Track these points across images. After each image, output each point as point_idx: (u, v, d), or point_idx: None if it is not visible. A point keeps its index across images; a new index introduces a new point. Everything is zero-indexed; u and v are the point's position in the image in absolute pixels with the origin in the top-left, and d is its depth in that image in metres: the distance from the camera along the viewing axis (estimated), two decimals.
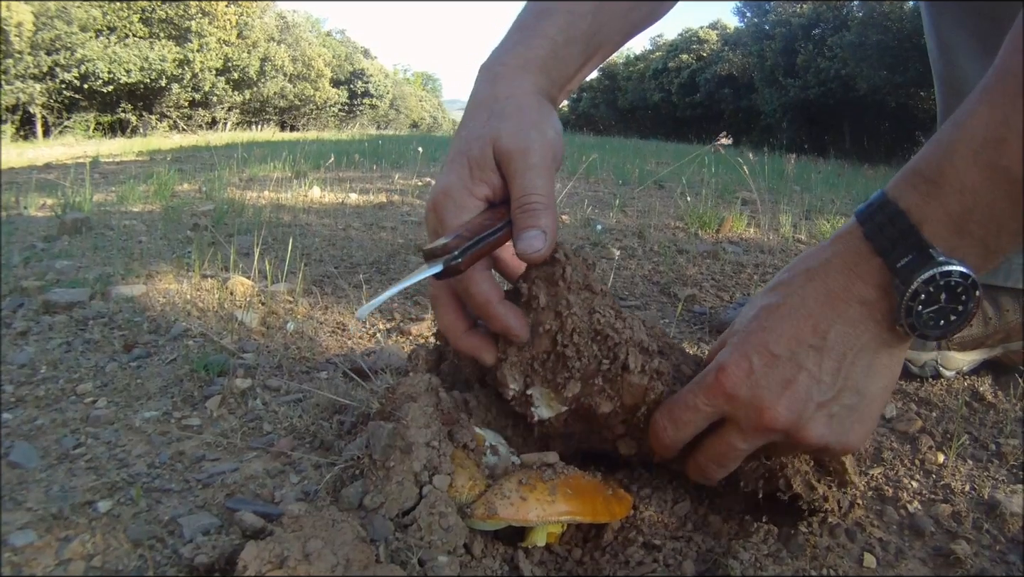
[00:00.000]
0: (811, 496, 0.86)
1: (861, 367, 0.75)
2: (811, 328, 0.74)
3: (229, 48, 26.83)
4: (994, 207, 0.68)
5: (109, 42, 22.71)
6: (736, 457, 0.80)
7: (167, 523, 0.87)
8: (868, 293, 0.74)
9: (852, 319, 0.74)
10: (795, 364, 0.74)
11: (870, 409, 0.77)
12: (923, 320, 0.71)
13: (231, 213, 3.17)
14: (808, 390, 0.74)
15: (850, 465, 0.89)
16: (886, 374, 0.77)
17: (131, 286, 1.85)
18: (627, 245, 2.70)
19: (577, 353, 0.83)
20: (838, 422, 0.76)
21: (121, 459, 1.03)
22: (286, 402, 1.22)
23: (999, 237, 0.70)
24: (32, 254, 2.32)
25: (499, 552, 0.81)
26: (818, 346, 0.74)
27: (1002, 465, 1.11)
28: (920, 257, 0.70)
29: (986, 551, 0.90)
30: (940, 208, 0.70)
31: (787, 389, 0.74)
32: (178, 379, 1.30)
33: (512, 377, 0.87)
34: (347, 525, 0.70)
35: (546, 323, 0.84)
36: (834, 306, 0.74)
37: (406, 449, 0.81)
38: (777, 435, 0.76)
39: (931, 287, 0.70)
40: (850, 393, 0.75)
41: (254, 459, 1.03)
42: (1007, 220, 0.68)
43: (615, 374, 0.82)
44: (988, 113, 0.69)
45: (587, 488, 0.82)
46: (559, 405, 0.86)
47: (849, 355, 0.74)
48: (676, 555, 0.83)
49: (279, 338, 1.52)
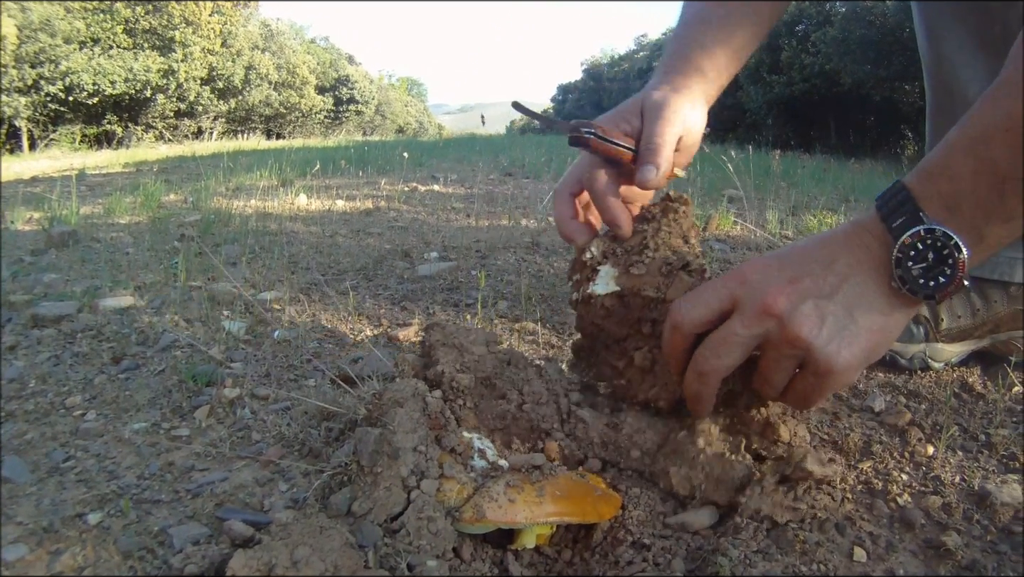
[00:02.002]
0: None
1: (857, 297, 0.83)
2: (824, 253, 0.85)
3: (213, 57, 26.73)
4: (980, 195, 0.78)
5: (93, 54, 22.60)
6: (732, 344, 0.85)
7: (157, 534, 0.87)
8: (871, 243, 0.84)
9: (858, 258, 0.84)
10: (804, 269, 0.84)
11: (856, 339, 0.82)
12: (912, 275, 0.80)
13: (218, 223, 3.16)
14: (809, 289, 0.82)
15: (785, 428, 0.95)
16: (877, 321, 0.83)
17: (119, 298, 1.84)
18: None
19: (656, 250, 1.00)
20: (827, 329, 0.82)
21: (111, 471, 1.03)
22: (274, 410, 1.21)
23: (988, 222, 0.78)
24: (20, 268, 2.31)
25: (488, 555, 0.81)
26: (826, 264, 0.84)
27: (992, 455, 1.12)
28: (911, 219, 0.80)
29: (977, 542, 0.90)
30: (934, 189, 0.80)
31: (792, 284, 0.83)
32: (166, 390, 1.30)
33: (594, 249, 1.04)
34: (335, 532, 0.70)
35: (647, 229, 1.02)
36: (844, 244, 0.85)
37: (393, 455, 0.81)
38: (772, 322, 0.82)
39: (918, 243, 0.79)
40: (843, 311, 0.82)
41: (243, 468, 1.02)
42: (994, 207, 0.77)
43: (674, 271, 0.97)
44: (984, 113, 0.79)
45: (575, 489, 0.82)
46: (614, 286, 1.00)
47: (850, 281, 0.83)
48: (665, 553, 0.83)
49: (267, 347, 1.52)
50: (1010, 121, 0.75)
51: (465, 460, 0.86)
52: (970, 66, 1.32)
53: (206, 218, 3.21)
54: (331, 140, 21.30)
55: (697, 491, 0.93)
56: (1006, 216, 0.78)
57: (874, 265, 0.83)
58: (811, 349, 0.81)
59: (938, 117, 1.44)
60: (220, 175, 5.56)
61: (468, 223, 3.35)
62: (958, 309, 1.39)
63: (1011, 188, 0.75)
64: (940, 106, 1.42)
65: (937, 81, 1.41)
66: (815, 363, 0.83)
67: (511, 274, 2.20)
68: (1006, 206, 0.77)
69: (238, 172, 5.86)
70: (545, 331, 1.64)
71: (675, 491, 0.94)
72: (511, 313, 1.78)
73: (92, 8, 22.92)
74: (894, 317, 0.84)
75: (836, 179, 6.50)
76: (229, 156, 8.31)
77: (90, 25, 22.98)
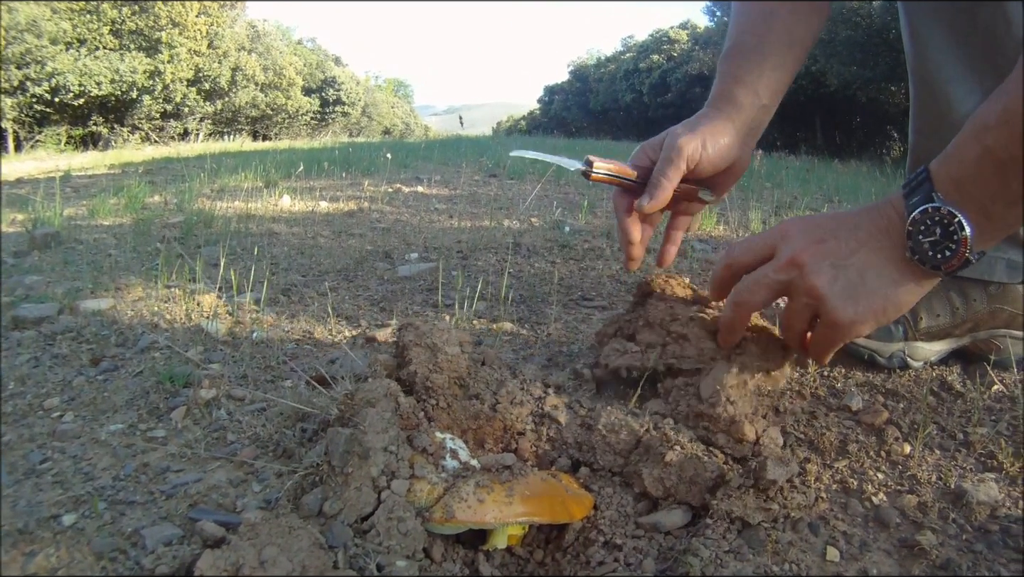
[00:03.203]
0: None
1: (871, 262, 0.95)
2: (853, 221, 0.98)
3: (200, 58, 26.61)
4: (984, 178, 0.86)
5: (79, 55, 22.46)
6: (763, 284, 1.00)
7: (130, 535, 0.87)
8: (892, 216, 0.95)
9: (879, 227, 0.95)
10: (832, 233, 0.97)
11: (863, 298, 0.94)
12: (922, 248, 0.90)
13: (200, 224, 3.15)
14: (830, 249, 0.95)
15: (750, 426, 1.03)
16: (885, 286, 0.94)
17: (99, 300, 1.83)
18: (595, 246, 2.70)
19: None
20: (840, 286, 0.94)
21: (87, 472, 1.03)
22: (250, 411, 1.21)
23: (993, 203, 0.87)
24: (2, 270, 2.29)
25: (460, 555, 0.81)
26: (851, 231, 0.96)
27: (970, 454, 1.11)
28: (925, 197, 0.90)
29: (952, 541, 0.90)
30: (947, 172, 0.90)
31: (818, 244, 0.96)
32: (144, 391, 1.29)
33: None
34: (304, 532, 0.70)
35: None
36: (869, 215, 0.97)
37: (363, 455, 0.81)
38: (796, 272, 0.96)
39: (927, 219, 0.89)
40: (856, 273, 0.94)
41: (217, 469, 1.02)
42: (997, 190, 0.86)
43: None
44: (988, 105, 0.87)
45: (545, 489, 0.82)
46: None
47: (867, 247, 0.95)
48: (637, 553, 0.83)
49: (245, 348, 1.52)
50: (1006, 114, 0.83)
51: (437, 460, 0.86)
52: (951, 66, 1.32)
53: (189, 220, 3.19)
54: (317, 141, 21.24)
55: (670, 492, 0.93)
56: (1010, 199, 0.86)
57: (891, 236, 0.94)
58: (823, 300, 0.95)
59: (920, 116, 1.45)
60: (205, 176, 5.54)
61: (450, 224, 3.34)
62: (937, 308, 1.39)
63: (1012, 173, 0.83)
64: (922, 105, 1.43)
65: (920, 80, 1.41)
66: (826, 313, 0.95)
67: (491, 275, 2.20)
68: (1009, 189, 0.85)
69: (223, 173, 5.83)
70: (523, 331, 1.64)
71: (648, 492, 0.94)
72: (490, 313, 1.78)
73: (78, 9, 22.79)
74: (904, 287, 0.94)
75: (820, 180, 6.52)
76: (214, 157, 8.30)
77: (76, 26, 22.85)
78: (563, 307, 1.87)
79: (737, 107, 1.22)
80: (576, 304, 1.92)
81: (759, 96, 1.24)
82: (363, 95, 46.78)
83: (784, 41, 1.26)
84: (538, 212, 3.63)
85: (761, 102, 1.24)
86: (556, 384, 1.10)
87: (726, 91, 1.24)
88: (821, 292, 0.94)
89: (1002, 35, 1.24)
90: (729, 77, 1.25)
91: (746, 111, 1.23)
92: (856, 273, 0.94)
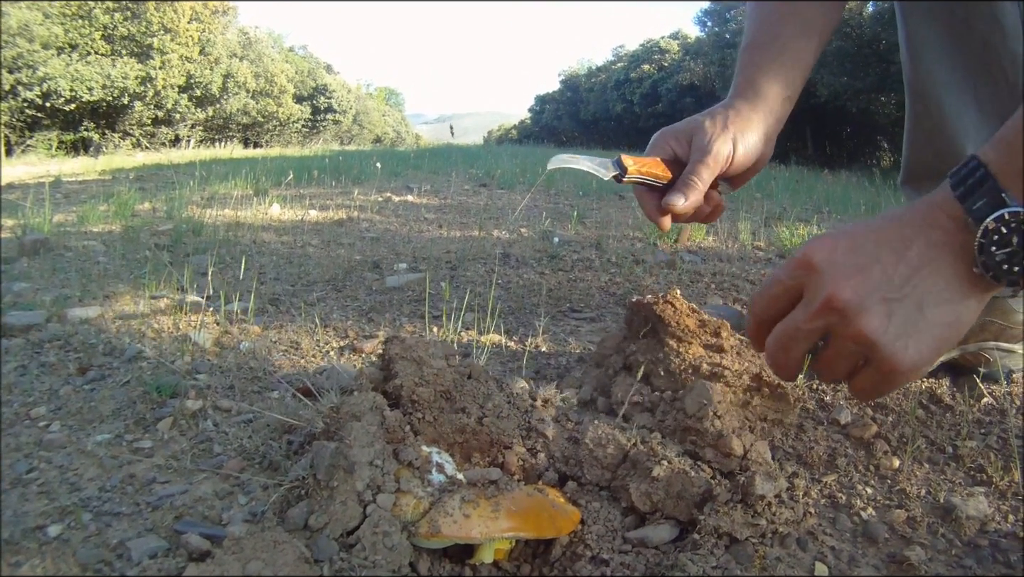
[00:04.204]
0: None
1: (930, 286, 0.78)
2: (898, 236, 0.79)
3: (192, 65, 26.57)
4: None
5: (71, 60, 22.38)
6: (796, 338, 0.82)
7: (115, 547, 0.86)
8: (948, 225, 0.77)
9: (934, 241, 0.78)
10: (874, 257, 0.78)
11: (926, 334, 0.78)
12: (996, 261, 0.74)
13: (190, 232, 3.14)
14: (877, 282, 0.77)
15: (738, 441, 1.00)
16: (952, 312, 0.78)
17: (87, 308, 1.82)
18: (584, 257, 2.71)
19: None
20: (895, 326, 0.77)
21: (73, 483, 1.02)
22: (237, 423, 1.20)
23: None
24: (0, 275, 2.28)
25: (446, 570, 0.81)
26: (899, 251, 0.78)
27: (959, 468, 1.12)
28: (993, 200, 0.74)
29: (941, 556, 0.90)
30: (1012, 164, 0.74)
31: (859, 274, 0.78)
32: (131, 401, 1.28)
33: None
34: (289, 546, 0.70)
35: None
36: (920, 226, 0.79)
37: (349, 468, 0.80)
38: (836, 316, 0.78)
39: (1003, 227, 0.73)
40: (913, 305, 0.77)
41: (203, 481, 1.01)
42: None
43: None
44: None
45: (531, 504, 0.81)
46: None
47: (924, 271, 0.78)
48: (624, 569, 0.82)
49: (232, 358, 1.51)
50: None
51: (423, 474, 0.86)
52: (946, 76, 1.34)
53: (178, 228, 3.18)
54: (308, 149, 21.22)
55: (657, 506, 0.93)
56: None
57: (952, 249, 0.78)
58: (876, 347, 0.77)
59: (915, 127, 1.46)
60: (195, 184, 5.53)
61: (440, 234, 3.34)
62: None
63: None
64: (917, 116, 1.44)
65: (915, 92, 1.42)
66: (880, 361, 0.78)
67: (480, 286, 2.20)
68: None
69: (213, 181, 5.82)
70: (511, 343, 1.64)
71: (635, 506, 0.93)
72: (477, 325, 1.78)
73: (71, 14, 22.74)
74: (968, 305, 0.79)
75: (809, 190, 6.54)
76: (205, 164, 8.27)
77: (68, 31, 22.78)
78: (551, 319, 1.87)
79: (763, 97, 1.18)
80: (564, 316, 1.92)
81: (783, 87, 1.19)
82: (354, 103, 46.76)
83: (802, 32, 1.23)
84: (527, 222, 3.64)
85: (785, 93, 1.20)
86: (544, 397, 1.10)
87: (750, 81, 1.19)
88: (873, 338, 0.77)
89: (998, 45, 1.24)
90: (751, 67, 1.21)
91: (771, 101, 1.18)
92: (914, 306, 0.77)
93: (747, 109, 1.15)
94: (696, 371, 1.17)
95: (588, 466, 0.99)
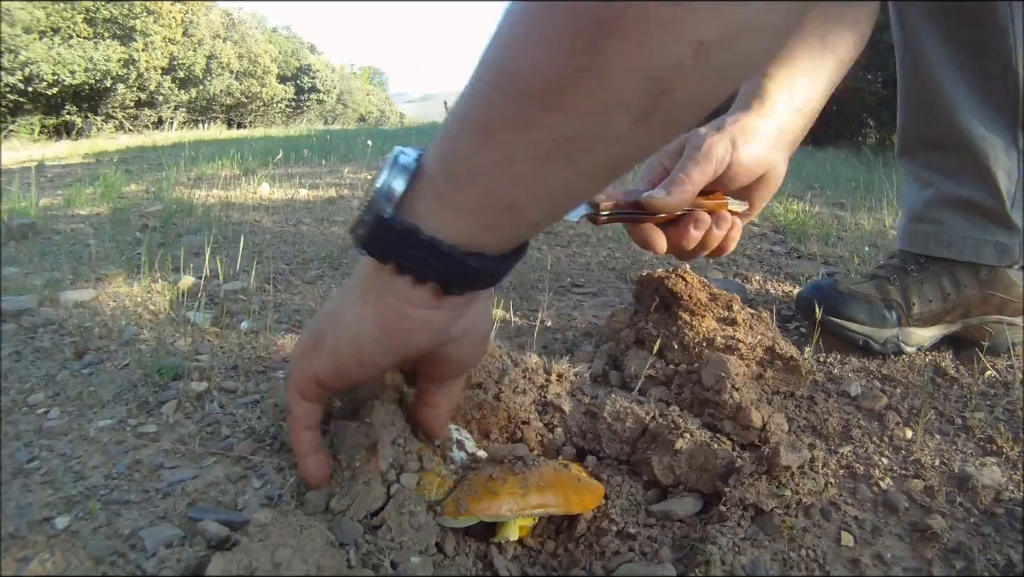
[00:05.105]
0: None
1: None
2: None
3: (175, 47, 26.36)
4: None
5: (53, 43, 22.16)
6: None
7: (128, 537, 0.82)
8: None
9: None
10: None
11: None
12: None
13: (180, 213, 3.10)
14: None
15: (757, 413, 0.99)
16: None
17: (80, 291, 1.79)
18: (580, 232, 2.69)
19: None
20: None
21: (77, 471, 0.98)
22: (244, 404, 1.18)
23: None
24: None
25: (472, 549, 0.79)
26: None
27: (969, 439, 1.12)
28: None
29: (960, 524, 0.90)
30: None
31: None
32: (131, 385, 1.25)
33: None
34: (315, 530, 0.68)
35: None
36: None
37: (372, 448, 0.79)
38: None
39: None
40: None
41: (214, 465, 0.98)
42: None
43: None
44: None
45: (558, 479, 0.80)
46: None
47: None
48: (652, 543, 0.81)
49: (233, 338, 1.49)
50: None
51: (445, 452, 0.84)
52: (936, 42, 1.35)
53: (168, 208, 3.15)
54: (293, 129, 21.09)
55: (680, 480, 0.92)
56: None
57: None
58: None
59: (909, 95, 1.46)
60: (181, 165, 5.47)
61: None
62: (928, 293, 1.40)
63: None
64: (910, 87, 1.44)
65: (908, 63, 1.42)
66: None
67: None
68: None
69: (199, 162, 5.76)
70: (516, 318, 1.62)
71: (657, 480, 0.92)
72: None
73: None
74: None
75: (799, 168, 6.54)
76: (190, 146, 8.20)
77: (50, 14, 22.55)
78: (554, 294, 1.85)
79: (769, 104, 1.09)
80: (567, 291, 1.91)
81: (792, 97, 1.12)
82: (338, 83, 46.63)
83: (816, 47, 1.16)
84: None
85: (795, 104, 1.12)
86: (558, 372, 1.08)
87: (755, 88, 1.11)
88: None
89: (987, 22, 1.27)
90: (759, 74, 1.13)
91: (779, 110, 1.10)
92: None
93: (750, 114, 1.08)
94: (710, 344, 1.16)
95: (607, 440, 0.98)
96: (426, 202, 0.66)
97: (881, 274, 1.46)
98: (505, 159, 0.61)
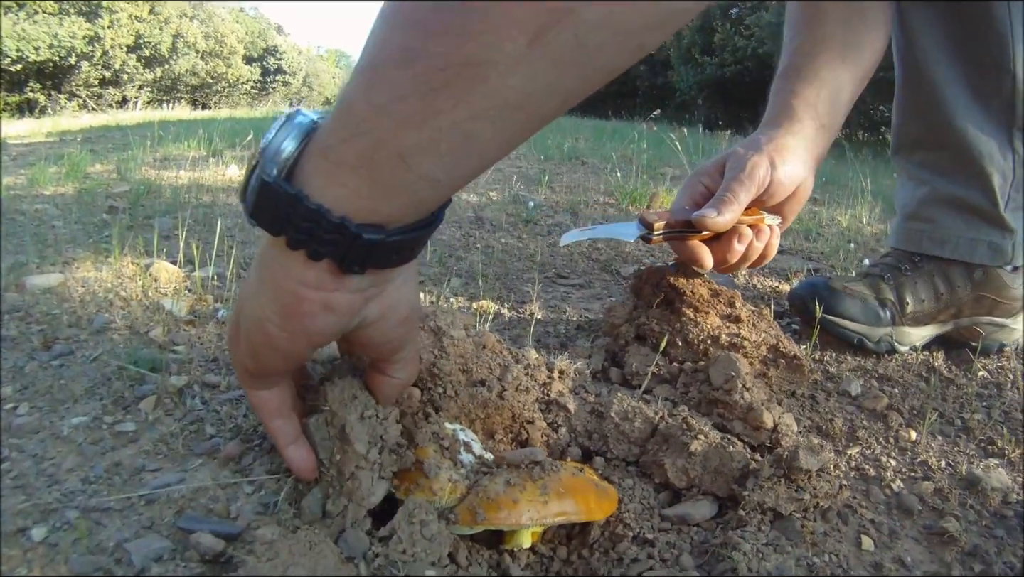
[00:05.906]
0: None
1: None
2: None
3: (141, 24, 25.97)
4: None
5: (18, 18, 21.73)
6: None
7: (112, 551, 0.75)
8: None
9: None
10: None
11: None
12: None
13: (148, 194, 3.02)
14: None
15: (768, 414, 0.98)
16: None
17: (47, 276, 1.72)
18: (559, 221, 2.66)
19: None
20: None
21: (51, 474, 0.89)
22: (227, 400, 1.11)
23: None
24: None
25: (484, 557, 0.75)
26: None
27: (970, 440, 1.12)
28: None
29: (974, 527, 0.90)
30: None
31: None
32: (105, 378, 1.18)
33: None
34: (326, 546, 0.63)
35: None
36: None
37: (343, 435, 0.74)
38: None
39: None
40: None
41: (200, 468, 0.91)
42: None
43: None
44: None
45: (577, 485, 0.76)
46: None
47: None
48: (671, 549, 0.78)
49: (211, 327, 1.42)
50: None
51: (453, 455, 0.80)
52: (936, 43, 1.36)
53: (135, 189, 3.06)
54: (258, 111, 20.84)
55: (693, 482, 0.89)
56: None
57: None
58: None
59: (906, 94, 1.47)
60: (147, 145, 5.35)
61: None
62: (922, 292, 1.40)
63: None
64: (908, 86, 1.45)
65: (908, 63, 1.43)
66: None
67: (459, 250, 2.14)
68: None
69: (166, 142, 5.65)
70: (504, 310, 1.58)
71: (670, 482, 0.89)
72: (466, 291, 1.72)
73: None
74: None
75: None
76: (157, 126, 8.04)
77: None
78: (541, 285, 1.81)
79: (799, 121, 1.16)
80: (553, 282, 1.87)
81: (818, 113, 1.18)
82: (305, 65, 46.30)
83: (839, 59, 1.20)
84: (497, 186, 3.57)
85: (821, 121, 1.18)
86: (560, 369, 1.04)
87: (784, 105, 1.18)
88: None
89: (986, 27, 1.28)
90: (786, 92, 1.20)
91: (806, 128, 1.16)
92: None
93: (781, 132, 1.14)
94: (715, 342, 1.13)
95: (615, 441, 0.95)
96: (313, 161, 0.61)
97: (875, 272, 1.45)
98: (393, 97, 0.56)
